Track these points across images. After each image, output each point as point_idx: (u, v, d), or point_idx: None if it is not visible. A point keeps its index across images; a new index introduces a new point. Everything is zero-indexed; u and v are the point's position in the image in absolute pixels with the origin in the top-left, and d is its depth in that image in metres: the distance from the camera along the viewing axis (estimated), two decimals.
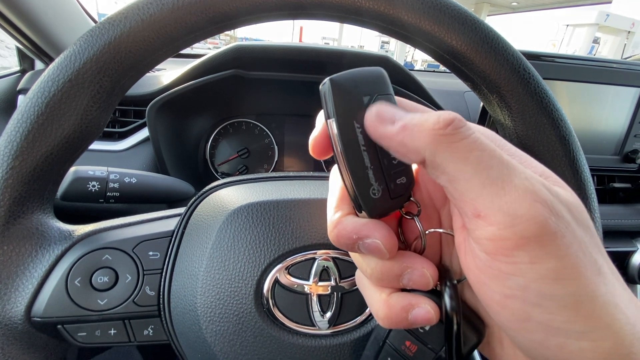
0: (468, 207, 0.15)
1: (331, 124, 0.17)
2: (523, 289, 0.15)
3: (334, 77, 0.17)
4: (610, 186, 0.70)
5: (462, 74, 0.27)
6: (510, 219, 0.14)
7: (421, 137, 0.15)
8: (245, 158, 0.77)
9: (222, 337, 0.25)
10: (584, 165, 0.27)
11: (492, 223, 0.15)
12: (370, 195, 0.17)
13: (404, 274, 0.18)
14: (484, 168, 0.15)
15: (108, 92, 0.24)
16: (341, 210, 0.19)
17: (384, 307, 0.19)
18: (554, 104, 0.26)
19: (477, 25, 0.24)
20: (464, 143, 0.15)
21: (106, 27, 0.23)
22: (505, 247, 0.14)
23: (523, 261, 0.14)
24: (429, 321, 0.18)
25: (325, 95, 0.17)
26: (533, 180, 0.15)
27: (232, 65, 0.62)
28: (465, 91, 0.78)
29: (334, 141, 0.17)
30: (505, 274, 0.15)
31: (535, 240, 0.14)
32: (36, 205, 0.25)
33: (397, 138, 0.16)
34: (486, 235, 0.15)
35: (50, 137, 0.23)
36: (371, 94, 0.17)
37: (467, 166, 0.15)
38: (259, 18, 0.26)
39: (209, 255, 0.26)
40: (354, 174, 0.17)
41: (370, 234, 0.18)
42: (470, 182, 0.15)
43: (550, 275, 0.14)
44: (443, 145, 0.15)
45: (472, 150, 0.15)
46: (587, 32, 6.39)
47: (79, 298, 0.26)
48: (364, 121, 0.17)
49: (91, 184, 0.41)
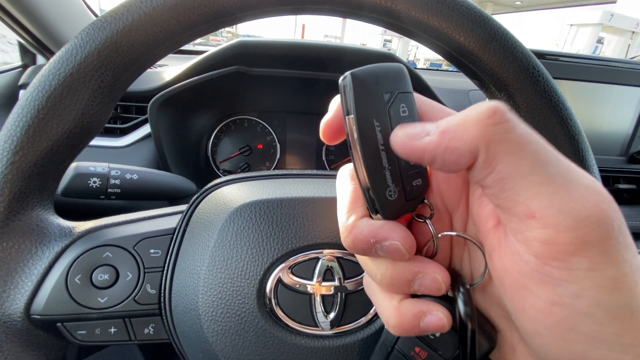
0: (520, 207, 0.14)
1: (350, 121, 0.16)
2: (575, 296, 0.13)
3: (356, 72, 0.16)
4: (615, 187, 0.69)
5: (469, 72, 0.26)
6: (572, 222, 0.13)
7: (469, 133, 0.14)
8: (247, 155, 0.76)
9: (224, 336, 0.25)
10: (593, 166, 0.26)
11: (549, 225, 0.13)
12: (386, 197, 0.17)
13: (416, 279, 0.18)
14: (542, 163, 0.13)
15: (109, 87, 0.24)
16: (355, 214, 0.18)
17: (395, 315, 0.18)
18: (564, 102, 0.25)
19: (485, 21, 0.24)
20: (517, 134, 0.13)
21: (108, 21, 0.23)
22: (561, 251, 0.13)
23: (580, 267, 0.13)
24: (441, 328, 0.18)
25: (346, 89, 0.16)
26: (591, 178, 0.14)
27: (235, 61, 0.61)
28: (469, 90, 0.78)
29: (351, 139, 0.17)
30: (557, 280, 0.14)
31: (598, 245, 0.13)
32: (36, 201, 0.25)
33: (442, 145, 0.14)
34: (540, 237, 0.14)
35: (50, 132, 0.23)
36: (392, 91, 0.17)
37: (524, 160, 0.13)
38: (264, 12, 0.25)
39: (211, 253, 0.26)
40: (371, 174, 0.17)
41: (389, 235, 0.17)
42: (526, 179, 0.13)
43: (609, 284, 0.13)
44: (497, 137, 0.13)
45: (528, 143, 0.13)
46: (591, 32, 6.35)
47: (79, 296, 0.25)
48: (391, 144, 0.16)
49: (92, 180, 0.41)
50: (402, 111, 0.17)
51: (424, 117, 0.18)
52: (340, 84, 0.17)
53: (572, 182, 0.13)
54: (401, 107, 0.17)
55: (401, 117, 0.17)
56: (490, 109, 0.13)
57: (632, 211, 0.68)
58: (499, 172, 0.14)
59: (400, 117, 0.17)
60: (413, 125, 0.16)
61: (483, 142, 0.13)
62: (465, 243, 0.21)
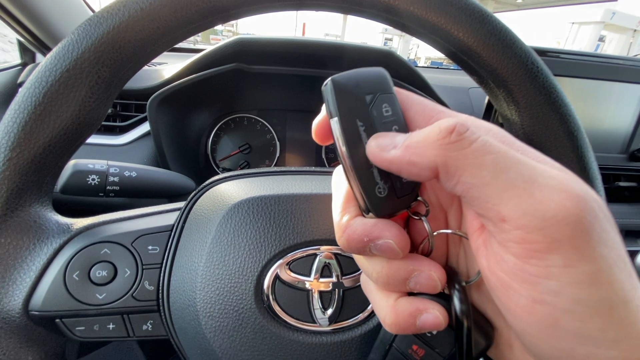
0: (491, 212, 0.14)
1: (334, 124, 0.17)
2: (555, 293, 0.14)
3: (335, 77, 0.17)
4: (615, 185, 0.69)
5: (468, 68, 0.26)
6: (539, 222, 0.13)
7: (428, 151, 0.15)
8: (246, 154, 0.76)
9: (222, 333, 0.25)
10: (592, 162, 0.26)
11: (519, 227, 0.14)
12: (376, 194, 0.17)
13: (411, 277, 0.18)
14: (501, 170, 0.14)
15: (107, 83, 0.24)
16: (348, 213, 0.18)
17: (391, 314, 0.18)
18: (563, 98, 0.25)
19: (484, 17, 0.24)
20: (474, 148, 0.14)
21: (104, 16, 0.23)
22: (535, 250, 0.14)
23: (556, 265, 0.13)
24: (437, 326, 0.18)
25: (328, 95, 0.17)
26: (559, 177, 0.14)
27: (234, 59, 0.61)
28: (469, 87, 0.77)
29: (337, 140, 0.17)
30: (536, 277, 0.14)
31: (569, 242, 0.13)
32: (34, 197, 0.25)
33: (404, 159, 0.15)
34: (513, 238, 0.14)
35: (48, 128, 0.23)
36: (373, 93, 0.17)
37: (483, 171, 0.14)
38: (263, 7, 0.25)
39: (209, 250, 0.26)
40: (359, 172, 0.17)
41: (382, 234, 0.17)
42: (489, 188, 0.14)
43: (586, 280, 0.13)
44: (453, 154, 0.14)
45: (484, 154, 0.14)
46: (592, 30, 6.33)
47: (77, 292, 0.25)
48: (367, 154, 0.17)
49: (91, 177, 0.41)
50: (385, 111, 0.17)
51: (415, 116, 0.18)
52: (323, 90, 0.17)
53: (534, 184, 0.14)
54: (384, 107, 0.17)
55: (384, 116, 0.17)
56: (449, 127, 0.14)
57: (633, 209, 0.68)
58: (464, 183, 0.15)
59: (383, 117, 0.17)
60: (384, 136, 0.17)
61: (440, 159, 0.15)
62: (461, 240, 0.21)
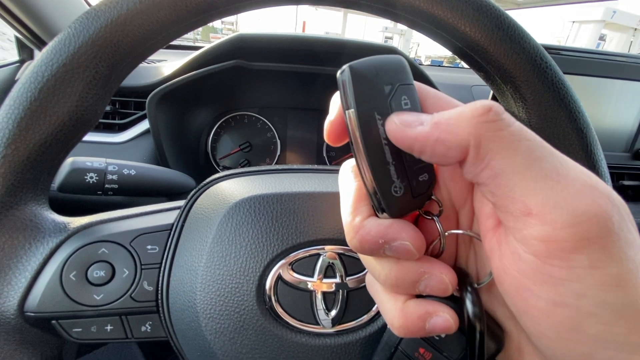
0: (516, 204, 0.14)
1: (350, 115, 0.16)
2: (578, 296, 0.13)
3: (354, 64, 0.16)
4: (619, 184, 0.68)
5: (475, 64, 0.26)
6: (570, 217, 0.12)
7: (461, 128, 0.14)
8: (247, 152, 0.76)
9: (222, 334, 0.24)
10: (601, 160, 0.26)
11: (547, 222, 0.13)
12: (391, 193, 0.16)
13: (421, 280, 0.17)
14: (535, 159, 0.13)
15: (104, 79, 0.23)
16: (360, 214, 0.17)
17: (400, 317, 0.17)
18: (572, 95, 0.25)
19: (491, 10, 0.23)
20: (510, 131, 0.13)
21: (102, 10, 0.22)
22: (561, 249, 0.13)
23: (582, 265, 0.13)
24: (447, 330, 0.17)
25: (345, 83, 0.16)
26: (587, 172, 0.14)
27: (234, 55, 0.60)
28: (472, 85, 0.77)
29: (352, 134, 0.16)
30: (558, 279, 0.13)
31: (598, 241, 0.12)
32: (30, 195, 0.24)
33: (432, 137, 0.14)
34: (538, 235, 0.13)
35: (44, 125, 0.22)
36: (393, 84, 0.16)
37: (517, 157, 0.13)
38: (262, 2, 0.25)
39: (210, 249, 0.25)
40: (375, 169, 0.16)
41: (398, 235, 0.16)
42: (520, 176, 0.13)
43: (612, 282, 0.13)
44: (489, 134, 0.13)
45: (521, 140, 0.13)
46: (593, 29, 6.33)
47: (74, 293, 0.25)
48: (387, 132, 0.16)
49: (89, 175, 0.40)
50: (404, 103, 0.16)
51: (430, 108, 0.17)
52: (339, 78, 0.16)
53: (567, 177, 0.13)
54: (403, 99, 0.16)
55: (403, 109, 0.16)
56: (485, 106, 0.14)
57: (637, 208, 0.67)
58: (493, 168, 0.14)
59: (402, 110, 0.16)
60: (409, 113, 0.16)
61: (473, 138, 0.14)
62: (472, 241, 0.20)
